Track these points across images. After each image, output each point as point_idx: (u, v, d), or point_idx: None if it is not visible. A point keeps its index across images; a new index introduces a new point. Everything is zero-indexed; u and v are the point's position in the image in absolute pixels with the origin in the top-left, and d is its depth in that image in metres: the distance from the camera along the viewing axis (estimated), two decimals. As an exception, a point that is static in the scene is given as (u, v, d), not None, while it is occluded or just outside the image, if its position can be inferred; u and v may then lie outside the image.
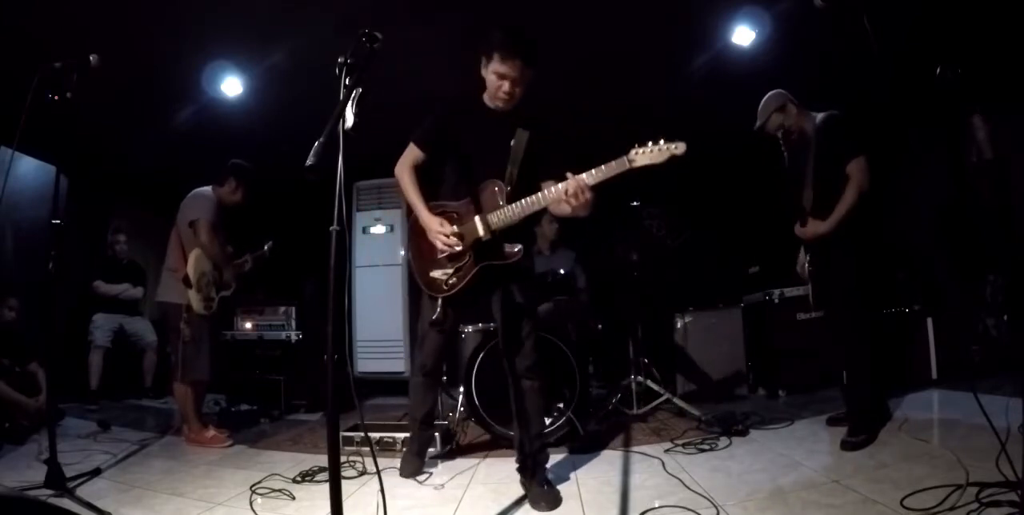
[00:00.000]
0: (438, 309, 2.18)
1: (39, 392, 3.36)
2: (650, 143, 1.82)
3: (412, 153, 2.24)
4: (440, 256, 2.14)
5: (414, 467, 2.46)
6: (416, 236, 2.23)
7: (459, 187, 2.17)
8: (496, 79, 2.04)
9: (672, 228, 5.53)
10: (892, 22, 2.36)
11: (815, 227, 2.55)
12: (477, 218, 2.07)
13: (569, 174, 1.89)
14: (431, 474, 2.50)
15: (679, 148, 1.80)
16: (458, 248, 2.08)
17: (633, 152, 1.83)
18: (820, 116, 2.60)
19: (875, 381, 2.57)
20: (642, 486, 2.18)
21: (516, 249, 2.06)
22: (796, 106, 2.64)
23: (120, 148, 4.84)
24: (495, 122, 2.13)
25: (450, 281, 2.13)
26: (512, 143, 2.09)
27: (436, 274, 2.17)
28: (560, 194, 1.90)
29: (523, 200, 2.01)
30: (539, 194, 1.99)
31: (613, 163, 1.86)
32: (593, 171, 1.88)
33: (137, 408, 4.45)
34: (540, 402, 2.21)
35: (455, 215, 2.14)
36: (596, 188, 1.90)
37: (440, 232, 2.08)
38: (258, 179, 3.33)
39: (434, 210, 2.16)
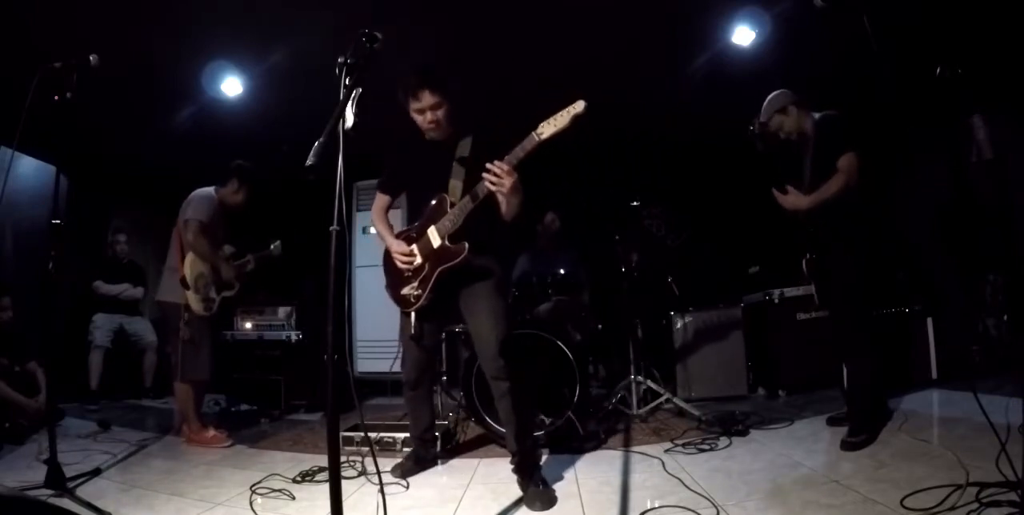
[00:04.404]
0: (413, 324, 2.29)
1: (38, 392, 3.37)
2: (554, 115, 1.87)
3: (379, 199, 2.52)
4: (406, 274, 2.28)
5: (405, 469, 2.47)
6: (387, 262, 2.40)
7: (417, 212, 2.33)
8: (418, 116, 2.21)
9: (672, 228, 5.53)
10: (892, 22, 2.36)
11: (796, 199, 2.56)
12: (430, 229, 2.21)
13: (488, 164, 1.97)
14: (430, 474, 2.50)
15: (578, 107, 1.82)
16: (416, 260, 2.24)
17: (540, 127, 1.88)
18: (818, 116, 2.62)
19: (875, 381, 2.57)
20: (642, 486, 2.18)
21: (462, 246, 2.13)
22: (798, 107, 2.64)
23: (120, 148, 4.85)
24: (436, 150, 2.28)
25: (416, 293, 2.26)
26: (456, 157, 2.23)
27: (405, 291, 2.30)
28: (487, 183, 1.98)
29: (462, 199, 2.13)
30: (473, 189, 2.08)
31: (524, 142, 1.92)
32: (508, 156, 1.95)
33: (137, 408, 4.45)
34: (520, 402, 2.20)
35: (414, 235, 2.29)
36: (522, 170, 1.98)
37: (397, 250, 2.27)
38: (259, 179, 3.33)
39: (399, 236, 2.34)
